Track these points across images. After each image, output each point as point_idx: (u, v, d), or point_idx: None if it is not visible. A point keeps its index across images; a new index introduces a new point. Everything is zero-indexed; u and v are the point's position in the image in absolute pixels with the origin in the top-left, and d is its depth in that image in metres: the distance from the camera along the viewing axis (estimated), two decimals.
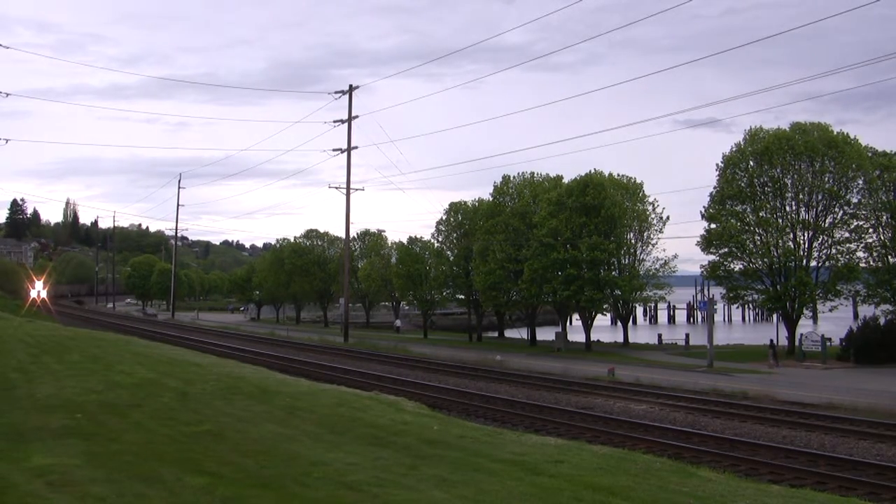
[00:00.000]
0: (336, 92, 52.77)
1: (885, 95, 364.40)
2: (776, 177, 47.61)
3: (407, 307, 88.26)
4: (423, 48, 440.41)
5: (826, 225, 47.76)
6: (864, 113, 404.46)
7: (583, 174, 54.27)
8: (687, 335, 58.17)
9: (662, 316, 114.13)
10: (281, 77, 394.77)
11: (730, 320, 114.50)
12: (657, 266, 56.14)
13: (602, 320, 72.96)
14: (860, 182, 47.35)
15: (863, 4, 22.33)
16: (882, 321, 46.01)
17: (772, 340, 44.36)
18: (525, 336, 62.96)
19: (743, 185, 48.63)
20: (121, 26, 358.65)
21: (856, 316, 66.42)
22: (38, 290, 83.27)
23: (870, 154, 48.28)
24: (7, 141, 54.97)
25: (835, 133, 47.56)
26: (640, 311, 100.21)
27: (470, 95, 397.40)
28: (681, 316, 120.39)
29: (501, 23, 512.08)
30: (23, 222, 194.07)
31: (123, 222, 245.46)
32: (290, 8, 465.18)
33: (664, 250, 70.92)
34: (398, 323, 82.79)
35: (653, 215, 55.56)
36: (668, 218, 55.69)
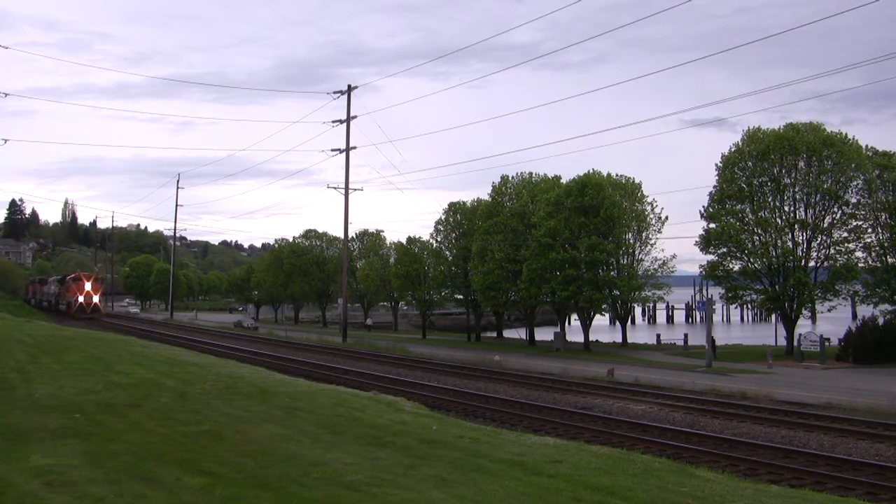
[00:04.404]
0: (335, 92, 52.35)
1: (891, 95, 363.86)
2: (775, 176, 47.63)
3: (406, 307, 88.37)
4: (432, 47, 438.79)
5: (825, 225, 47.74)
6: (871, 112, 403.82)
7: (582, 174, 54.40)
8: (685, 335, 58.18)
9: (661, 316, 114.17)
10: (288, 76, 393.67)
11: (728, 320, 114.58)
12: (656, 266, 56.22)
13: (600, 320, 72.95)
14: (859, 182, 47.35)
15: (870, 1, 22.07)
16: (881, 321, 45.99)
17: (712, 339, 44.90)
18: (524, 336, 62.92)
19: (742, 184, 48.64)
20: (128, 25, 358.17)
21: (854, 316, 66.39)
22: (88, 290, 77.40)
23: (870, 154, 48.27)
24: (6, 141, 54.75)
25: (831, 133, 47.54)
26: (638, 311, 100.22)
27: (476, 95, 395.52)
28: (679, 316, 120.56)
29: (510, 21, 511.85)
30: (21, 222, 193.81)
31: (122, 222, 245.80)
32: (298, 6, 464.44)
33: (663, 250, 71.19)
34: (369, 321, 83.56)
35: (651, 215, 55.63)
36: (666, 218, 55.73)
